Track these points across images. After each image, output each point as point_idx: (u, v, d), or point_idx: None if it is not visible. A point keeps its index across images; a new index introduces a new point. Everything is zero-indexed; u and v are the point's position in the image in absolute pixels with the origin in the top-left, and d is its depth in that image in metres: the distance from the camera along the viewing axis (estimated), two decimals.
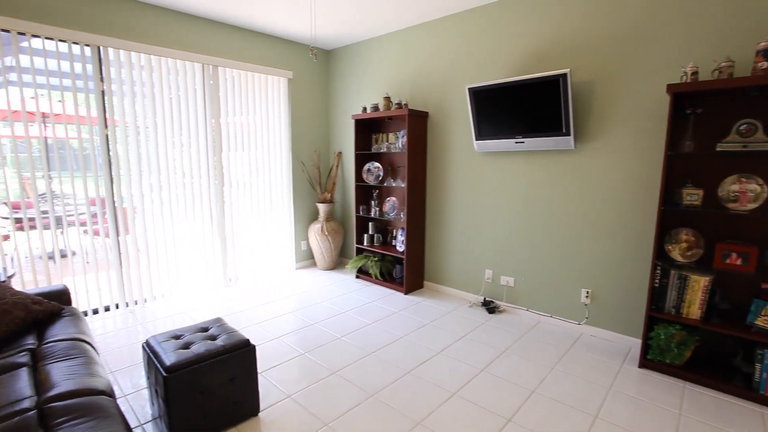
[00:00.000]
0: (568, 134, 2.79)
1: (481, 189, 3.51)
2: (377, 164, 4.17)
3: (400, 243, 3.98)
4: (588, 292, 2.96)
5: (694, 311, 2.32)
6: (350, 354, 2.67)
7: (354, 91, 4.52)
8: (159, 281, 3.62)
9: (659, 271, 2.42)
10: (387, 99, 3.89)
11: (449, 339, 2.90)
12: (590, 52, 2.79)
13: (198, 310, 3.42)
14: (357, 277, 4.38)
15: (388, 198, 4.16)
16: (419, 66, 3.84)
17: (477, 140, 3.30)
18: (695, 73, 2.22)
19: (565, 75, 2.63)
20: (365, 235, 4.30)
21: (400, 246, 3.98)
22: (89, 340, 1.99)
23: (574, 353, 2.69)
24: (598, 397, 2.20)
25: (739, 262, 2.18)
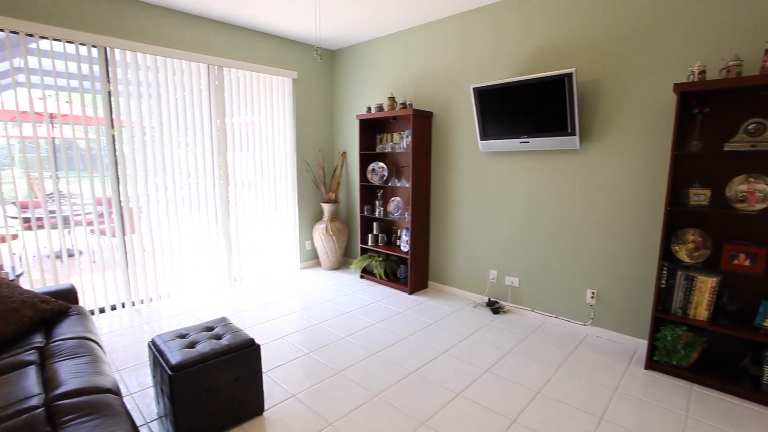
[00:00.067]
0: (574, 134, 2.77)
1: (486, 189, 3.50)
2: (382, 164, 4.17)
3: (405, 243, 3.98)
4: (593, 293, 2.94)
5: (701, 312, 2.30)
6: (354, 354, 2.67)
7: (358, 91, 4.53)
8: (164, 281, 3.64)
9: (666, 272, 2.40)
10: (391, 99, 3.89)
11: (454, 339, 2.89)
12: (595, 52, 2.77)
13: (203, 310, 3.43)
14: (361, 277, 4.38)
15: (393, 198, 4.16)
16: (424, 66, 3.84)
17: (482, 140, 3.29)
18: (702, 72, 2.20)
19: (571, 74, 2.62)
20: (369, 235, 4.30)
21: (405, 246, 3.97)
22: (96, 339, 2.01)
23: (580, 354, 2.68)
24: (604, 399, 2.18)
25: (748, 263, 2.16)
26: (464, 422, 1.98)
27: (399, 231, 4.21)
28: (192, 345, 1.91)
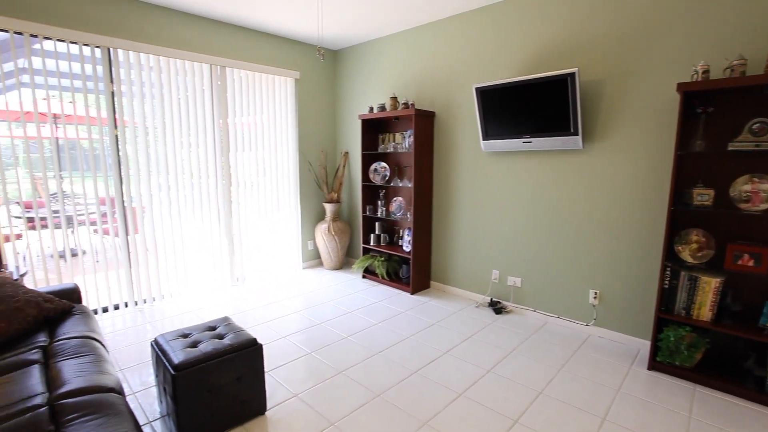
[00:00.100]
0: (576, 134, 2.76)
1: (488, 189, 3.49)
2: (384, 164, 4.17)
3: (407, 243, 3.98)
4: (596, 293, 2.93)
5: (705, 313, 2.29)
6: (357, 354, 2.67)
7: (361, 91, 4.53)
8: (167, 280, 3.65)
9: (669, 272, 2.39)
10: (394, 99, 3.89)
11: (456, 339, 2.89)
12: (598, 51, 2.76)
13: (205, 309, 3.44)
14: (363, 277, 4.38)
15: (395, 198, 4.16)
16: (426, 66, 3.84)
17: (484, 140, 3.29)
18: (706, 72, 2.19)
19: (573, 74, 2.61)
20: (372, 235, 4.30)
21: (407, 246, 3.97)
22: (99, 338, 2.01)
23: (582, 354, 2.67)
24: (606, 399, 2.18)
25: (752, 264, 2.15)
26: (466, 422, 1.98)
27: (401, 231, 4.21)
28: (194, 344, 1.92)
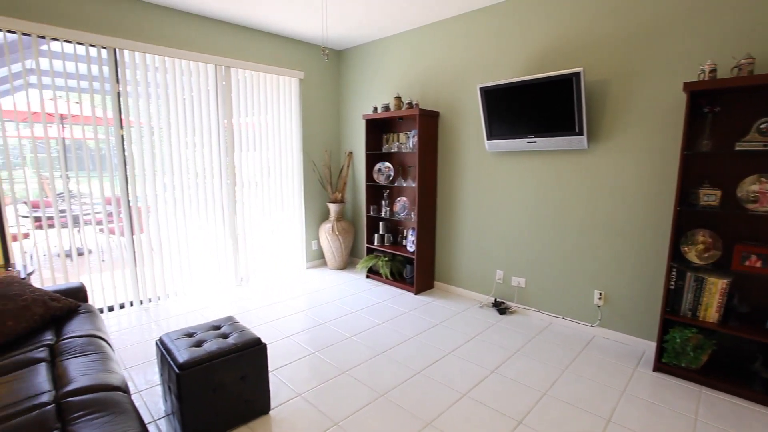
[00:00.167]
0: (581, 134, 2.75)
1: (493, 189, 3.48)
2: (388, 164, 4.17)
3: (411, 243, 3.97)
4: (601, 294, 2.92)
5: (712, 314, 2.27)
6: (360, 354, 2.67)
7: (365, 91, 4.53)
8: (172, 280, 3.67)
9: (675, 273, 2.37)
10: (398, 99, 3.88)
11: (460, 339, 2.88)
12: (603, 50, 2.75)
13: (210, 309, 3.46)
14: (367, 277, 4.38)
15: (399, 198, 4.16)
16: (430, 66, 3.83)
17: (488, 140, 3.28)
18: (713, 71, 2.17)
19: (579, 74, 2.60)
20: (376, 235, 4.30)
21: (411, 246, 3.97)
22: (105, 337, 2.03)
23: (587, 355, 2.66)
24: (611, 401, 2.16)
25: (759, 265, 2.12)
26: (470, 423, 1.98)
27: (405, 231, 4.21)
28: (199, 344, 1.93)
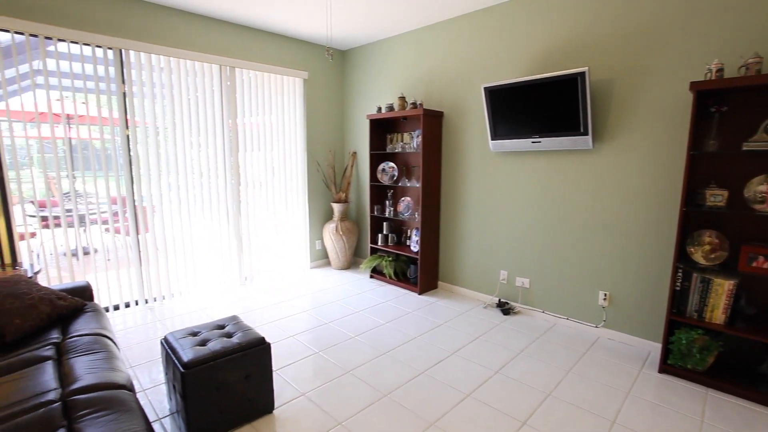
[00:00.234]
0: (586, 133, 2.74)
1: (497, 189, 3.47)
2: (392, 164, 4.17)
3: (415, 243, 3.97)
4: (605, 295, 2.90)
5: (718, 316, 2.25)
6: (364, 353, 2.67)
7: (369, 91, 4.53)
8: (177, 279, 3.69)
9: (681, 274, 2.35)
10: (402, 99, 3.88)
11: (464, 340, 2.88)
12: (609, 50, 2.73)
13: (214, 308, 3.47)
14: (371, 277, 4.39)
15: (403, 198, 4.15)
16: (434, 65, 3.83)
17: (492, 140, 3.27)
18: (720, 70, 2.15)
19: (584, 73, 2.59)
20: (379, 235, 4.30)
21: (415, 246, 3.97)
22: (110, 336, 2.04)
23: (591, 356, 2.64)
24: (616, 402, 2.15)
25: (767, 266, 2.10)
26: (474, 423, 1.97)
27: (409, 231, 4.21)
28: (203, 343, 1.93)
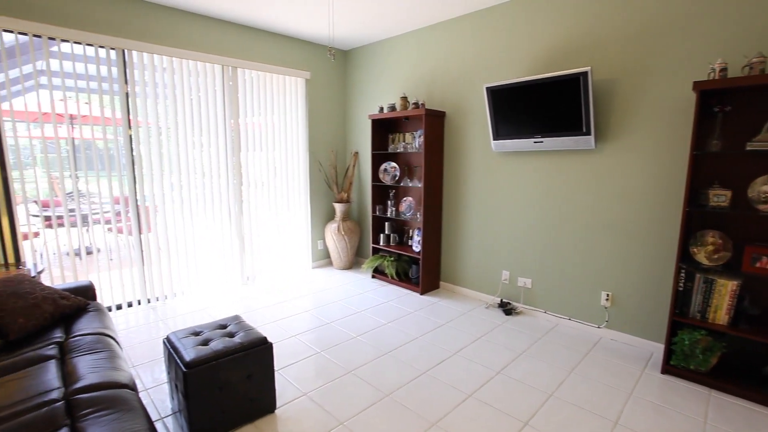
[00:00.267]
0: (589, 133, 2.73)
1: (499, 189, 3.47)
2: (394, 164, 4.17)
3: (417, 243, 3.97)
4: (608, 295, 2.89)
5: (721, 316, 2.24)
6: (366, 353, 2.67)
7: (371, 91, 4.53)
8: (179, 278, 3.70)
9: (683, 275, 2.35)
10: (404, 99, 3.88)
11: (465, 340, 2.87)
12: (611, 49, 2.72)
13: (216, 308, 3.48)
14: (373, 277, 4.39)
15: (405, 198, 4.15)
16: (436, 65, 3.82)
17: (494, 140, 3.26)
18: (724, 70, 2.14)
19: (586, 73, 2.58)
20: (381, 235, 4.30)
21: (417, 246, 3.97)
22: (113, 335, 2.05)
23: (594, 357, 2.64)
24: (619, 403, 2.14)
25: None
26: (476, 424, 1.97)
27: (411, 231, 4.21)
28: (206, 342, 1.94)
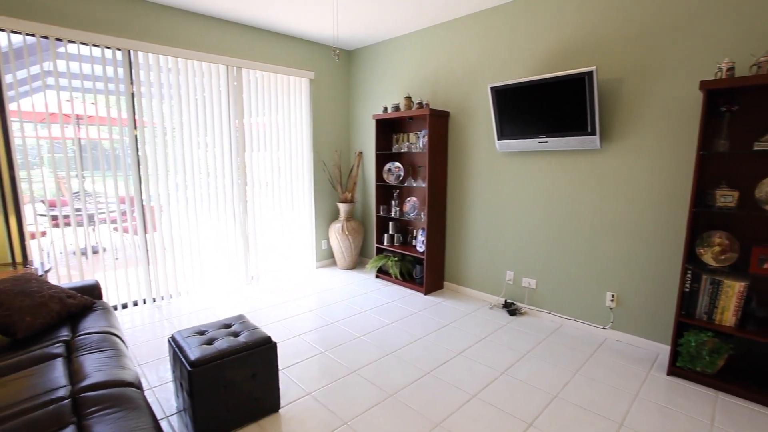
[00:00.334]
0: (594, 133, 2.71)
1: (503, 189, 3.46)
2: (398, 164, 4.17)
3: (421, 243, 3.96)
4: (613, 296, 2.88)
5: (728, 318, 2.22)
6: (369, 353, 2.67)
7: (375, 91, 4.53)
8: (184, 278, 3.72)
9: (690, 276, 2.33)
10: (408, 99, 3.88)
11: (470, 340, 2.87)
12: (617, 49, 2.71)
13: (221, 307, 3.49)
14: (377, 277, 4.39)
15: (409, 198, 4.15)
16: (440, 65, 3.82)
17: (499, 140, 3.25)
18: (731, 69, 2.12)
19: (591, 73, 2.57)
20: (385, 235, 4.30)
21: (421, 246, 3.96)
22: (119, 334, 2.06)
23: (599, 358, 2.62)
24: (624, 405, 2.13)
25: None
26: (479, 424, 1.96)
27: (415, 231, 4.20)
28: (210, 341, 1.95)
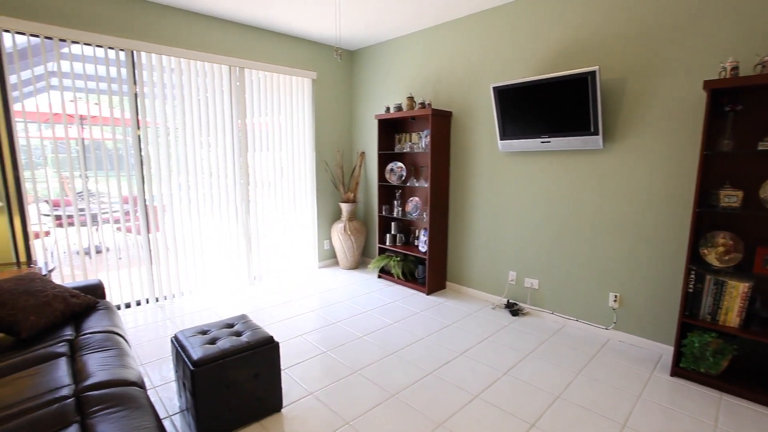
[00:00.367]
0: (597, 133, 2.71)
1: (506, 189, 3.45)
2: (400, 164, 4.17)
3: (423, 243, 3.96)
4: (616, 296, 2.87)
5: (732, 318, 2.21)
6: (372, 353, 2.67)
7: (377, 91, 4.53)
8: (186, 278, 3.73)
9: (693, 276, 2.32)
10: (410, 99, 3.88)
11: (472, 341, 2.86)
12: (620, 48, 2.70)
13: (223, 307, 3.50)
14: (379, 277, 4.39)
15: (411, 198, 4.15)
16: (442, 65, 3.81)
17: (501, 140, 3.25)
18: (735, 68, 2.11)
19: (594, 72, 2.56)
20: (388, 235, 4.30)
21: (423, 246, 3.96)
22: (122, 333, 2.07)
23: (601, 359, 2.61)
24: (627, 405, 2.12)
25: None
26: (481, 425, 1.96)
27: (417, 231, 4.20)
28: (213, 341, 1.95)
